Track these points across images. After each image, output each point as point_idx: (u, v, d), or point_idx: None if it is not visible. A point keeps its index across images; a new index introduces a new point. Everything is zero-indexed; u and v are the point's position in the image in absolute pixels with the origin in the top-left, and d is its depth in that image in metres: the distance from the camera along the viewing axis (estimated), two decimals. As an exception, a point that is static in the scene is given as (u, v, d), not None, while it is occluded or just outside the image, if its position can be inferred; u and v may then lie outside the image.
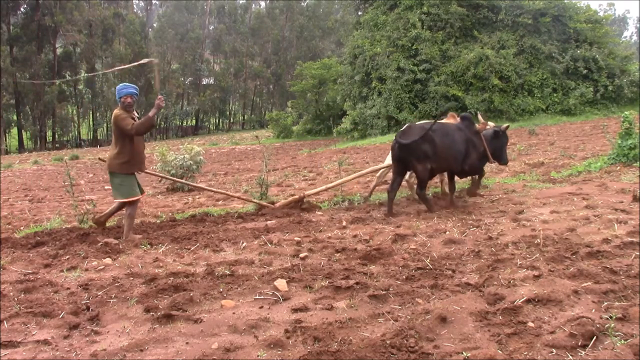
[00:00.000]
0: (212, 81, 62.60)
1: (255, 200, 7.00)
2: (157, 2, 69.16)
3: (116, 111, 5.30)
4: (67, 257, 4.65)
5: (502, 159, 6.60)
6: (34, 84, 43.43)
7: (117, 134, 5.29)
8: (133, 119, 5.33)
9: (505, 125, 6.70)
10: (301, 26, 63.63)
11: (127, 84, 5.66)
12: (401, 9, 25.59)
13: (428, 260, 4.08)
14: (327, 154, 18.96)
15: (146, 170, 5.98)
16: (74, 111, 52.08)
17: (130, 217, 5.37)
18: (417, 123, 6.40)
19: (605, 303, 3.04)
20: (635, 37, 78.66)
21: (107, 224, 6.06)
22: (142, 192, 5.60)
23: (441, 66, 24.09)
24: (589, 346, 2.54)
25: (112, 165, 5.34)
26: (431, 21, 24.92)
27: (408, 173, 6.61)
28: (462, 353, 2.56)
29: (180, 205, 8.12)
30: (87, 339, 2.91)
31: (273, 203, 6.94)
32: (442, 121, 6.52)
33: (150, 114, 5.22)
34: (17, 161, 26.12)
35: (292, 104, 36.96)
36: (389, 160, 6.67)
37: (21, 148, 44.88)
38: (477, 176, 6.67)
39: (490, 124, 6.77)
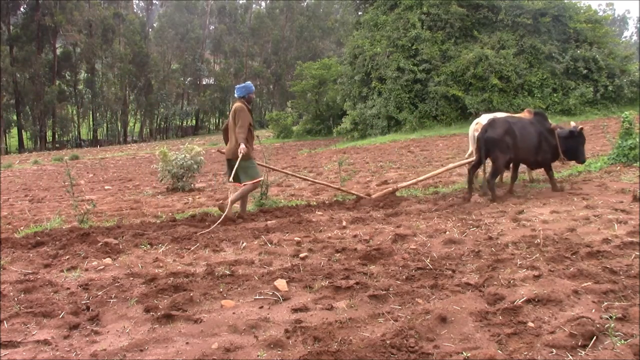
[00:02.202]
0: (212, 81, 62.60)
1: (353, 192, 7.36)
2: (157, 2, 69.17)
3: (242, 105, 6.20)
4: (67, 257, 4.65)
5: (578, 158, 6.96)
6: (34, 84, 43.44)
7: (236, 125, 6.12)
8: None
9: (580, 126, 6.93)
10: (301, 26, 63.61)
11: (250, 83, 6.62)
12: (401, 9, 25.56)
13: (428, 260, 4.08)
14: (327, 154, 18.96)
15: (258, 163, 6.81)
16: (74, 111, 52.05)
17: (243, 193, 6.26)
18: (499, 116, 6.92)
19: (605, 303, 3.04)
20: (635, 37, 78.67)
21: (107, 223, 6.06)
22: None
23: (441, 66, 24.07)
24: (589, 346, 2.55)
25: (236, 152, 6.07)
26: (431, 21, 24.90)
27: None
28: (462, 353, 2.56)
29: (180, 205, 8.12)
30: (87, 339, 2.91)
31: (369, 195, 7.21)
32: (517, 115, 7.10)
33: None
34: (17, 161, 26.12)
35: (292, 104, 36.94)
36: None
37: (21, 148, 44.87)
38: (550, 172, 6.96)
39: (572, 123, 7.09)
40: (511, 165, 6.96)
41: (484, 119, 7.44)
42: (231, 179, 6.12)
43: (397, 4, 26.12)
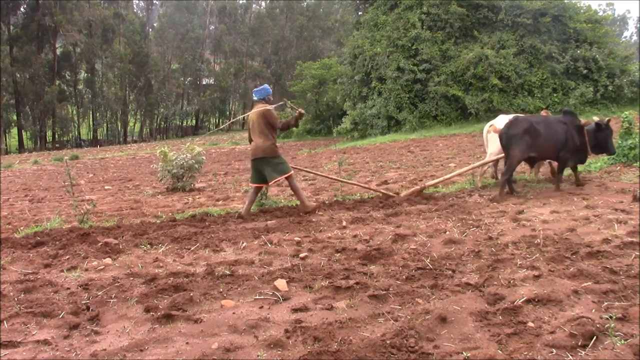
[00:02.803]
0: (212, 81, 62.58)
1: (382, 190, 7.47)
2: (157, 2, 69.14)
3: (267, 107, 6.43)
4: (67, 257, 4.65)
5: (608, 150, 7.11)
6: (34, 84, 43.47)
7: (266, 127, 6.38)
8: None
9: (607, 118, 7.08)
10: (301, 26, 63.60)
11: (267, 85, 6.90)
12: (401, 9, 25.57)
13: (428, 260, 4.08)
14: (327, 154, 18.96)
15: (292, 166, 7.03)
16: (74, 111, 52.04)
17: (298, 188, 6.49)
18: (522, 115, 7.07)
19: (605, 303, 3.04)
20: (635, 37, 78.67)
21: (107, 223, 6.06)
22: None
23: (441, 66, 24.07)
24: (589, 346, 2.55)
25: (269, 151, 6.36)
26: (431, 21, 24.89)
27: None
28: (462, 353, 2.56)
29: (180, 205, 8.12)
30: (87, 339, 2.91)
31: (398, 193, 7.34)
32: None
33: (292, 121, 6.76)
34: (17, 161, 26.12)
35: (292, 104, 36.97)
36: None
37: (21, 148, 44.85)
38: (575, 167, 7.17)
39: (595, 118, 7.19)
40: (547, 162, 7.32)
41: (499, 120, 7.61)
42: (270, 177, 6.37)
43: (397, 4, 26.11)
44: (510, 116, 7.37)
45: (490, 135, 7.62)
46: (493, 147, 7.46)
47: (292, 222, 5.85)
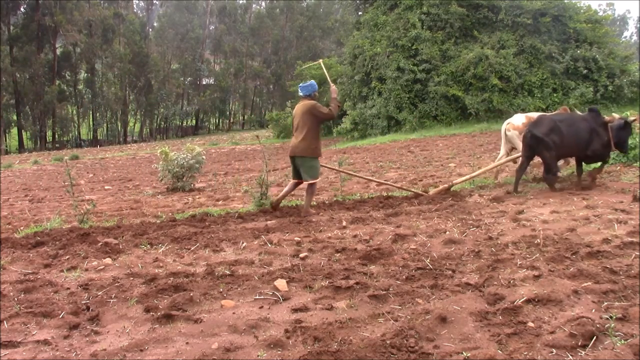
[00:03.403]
0: (212, 81, 62.58)
1: (412, 190, 7.54)
2: (157, 2, 69.14)
3: (311, 102, 6.35)
4: (67, 257, 4.65)
5: (624, 148, 7.16)
6: (33, 84, 43.49)
7: (312, 124, 6.29)
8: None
9: (632, 117, 7.21)
10: (301, 26, 63.59)
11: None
12: (401, 9, 25.56)
13: (428, 260, 4.08)
14: (327, 154, 18.96)
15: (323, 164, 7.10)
16: (74, 111, 52.05)
17: (312, 194, 6.47)
18: (546, 115, 7.23)
19: (605, 303, 3.04)
20: (635, 37, 78.66)
21: (107, 223, 6.05)
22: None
23: (441, 66, 24.06)
24: (589, 346, 2.55)
25: (310, 150, 6.30)
26: (431, 21, 24.89)
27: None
28: (462, 353, 2.56)
29: (180, 205, 8.12)
30: (87, 339, 2.91)
31: (427, 191, 7.42)
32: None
33: (334, 104, 6.50)
34: (17, 161, 26.11)
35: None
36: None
37: (21, 148, 44.85)
38: (601, 163, 7.22)
39: (615, 115, 7.31)
40: (570, 159, 7.53)
41: (516, 118, 7.79)
42: (303, 177, 6.44)
43: (397, 4, 26.11)
44: (528, 114, 7.59)
45: (511, 134, 7.73)
46: (518, 144, 7.59)
47: (292, 222, 5.85)
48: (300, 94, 6.56)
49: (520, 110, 23.07)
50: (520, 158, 7.18)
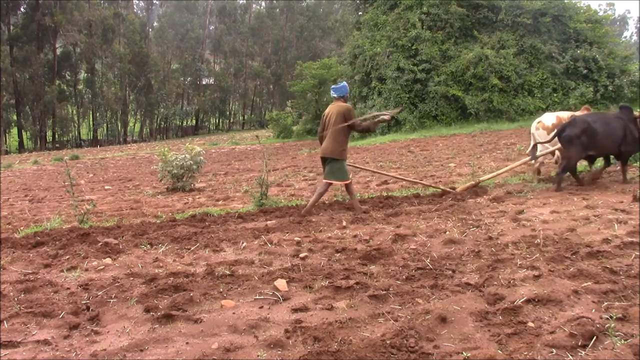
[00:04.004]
0: (212, 81, 62.59)
1: (440, 187, 7.59)
2: (157, 2, 69.15)
3: (346, 105, 6.45)
4: (67, 257, 4.65)
5: None
6: (33, 84, 43.51)
7: (341, 124, 6.30)
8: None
9: None
10: (301, 26, 63.58)
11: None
12: (401, 9, 25.56)
13: (428, 260, 4.08)
14: (327, 154, 18.92)
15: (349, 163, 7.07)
16: (74, 111, 52.05)
17: (352, 193, 6.50)
18: (579, 115, 7.28)
19: (605, 303, 3.04)
20: (635, 37, 78.70)
21: (107, 223, 6.05)
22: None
23: (441, 66, 24.06)
24: (589, 346, 2.55)
25: (336, 152, 6.33)
26: (431, 21, 24.89)
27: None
28: (462, 353, 2.56)
29: (180, 205, 8.12)
30: (87, 339, 2.91)
31: (454, 188, 7.49)
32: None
33: (369, 124, 6.64)
34: (17, 161, 26.11)
35: (292, 104, 36.86)
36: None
37: (21, 148, 44.85)
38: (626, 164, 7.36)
39: None
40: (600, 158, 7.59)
41: (547, 118, 7.91)
42: (325, 177, 6.48)
43: (397, 4, 26.10)
44: (558, 114, 7.85)
45: (539, 132, 7.84)
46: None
47: (292, 222, 5.85)
48: (335, 95, 6.61)
49: (521, 110, 23.12)
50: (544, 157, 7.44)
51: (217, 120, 67.57)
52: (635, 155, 8.07)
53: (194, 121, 63.62)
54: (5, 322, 3.12)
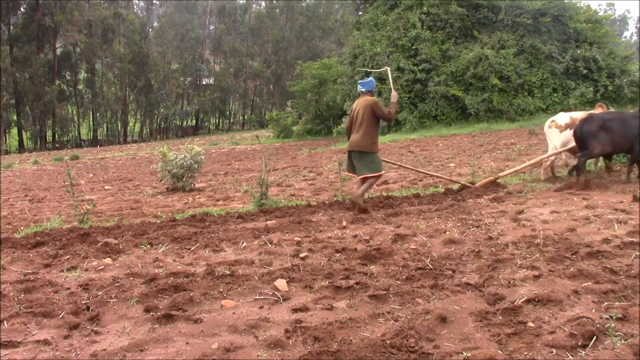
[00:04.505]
0: (212, 81, 62.60)
1: (461, 181, 7.73)
2: (157, 2, 69.17)
3: (373, 98, 6.45)
4: (67, 257, 4.65)
5: None
6: (34, 84, 43.52)
7: (372, 119, 6.35)
8: None
9: None
10: (301, 26, 63.59)
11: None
12: (401, 9, 25.57)
13: (428, 260, 4.08)
14: (327, 154, 18.95)
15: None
16: (74, 111, 52.07)
17: (370, 185, 6.47)
18: (597, 113, 7.40)
19: (605, 303, 3.04)
20: (635, 37, 78.72)
21: (107, 223, 6.05)
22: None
23: (441, 66, 24.06)
24: (589, 346, 2.55)
25: (367, 146, 6.33)
26: (431, 21, 24.90)
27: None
28: (462, 353, 2.56)
29: (180, 205, 8.12)
30: (87, 339, 2.91)
31: (473, 183, 7.58)
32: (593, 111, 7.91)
33: (394, 108, 6.59)
34: (17, 161, 26.12)
35: (292, 104, 36.87)
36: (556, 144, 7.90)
37: (21, 148, 44.86)
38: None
39: None
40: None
41: (560, 117, 8.03)
42: (358, 171, 6.46)
43: (397, 4, 26.11)
44: (572, 114, 8.05)
45: (552, 130, 7.96)
46: (556, 141, 7.88)
47: (292, 222, 5.85)
48: (363, 89, 6.60)
49: (521, 110, 23.13)
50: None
51: (217, 120, 67.57)
52: (611, 159, 8.11)
53: (194, 121, 63.63)
54: (5, 322, 3.12)
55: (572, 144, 7.40)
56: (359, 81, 6.75)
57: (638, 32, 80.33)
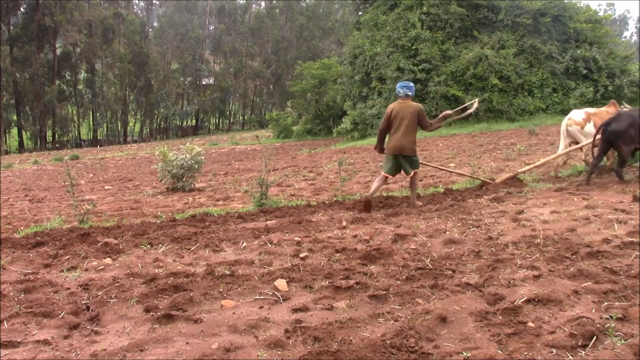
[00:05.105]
0: (212, 81, 62.60)
1: (480, 178, 7.88)
2: (157, 2, 69.17)
3: (418, 105, 6.53)
4: (67, 257, 4.65)
5: None
6: (33, 84, 43.52)
7: (415, 125, 6.45)
8: None
9: None
10: (301, 26, 63.59)
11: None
12: (401, 9, 25.57)
13: (428, 260, 4.08)
14: (327, 154, 18.96)
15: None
16: (74, 111, 52.06)
17: (416, 182, 6.68)
18: (624, 111, 7.42)
19: (605, 303, 3.04)
20: (635, 37, 78.70)
21: (107, 223, 6.04)
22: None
23: (441, 66, 24.07)
24: (589, 346, 2.55)
25: (410, 149, 6.45)
26: (431, 21, 24.90)
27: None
28: (462, 353, 2.56)
29: (180, 205, 8.12)
30: (87, 339, 2.91)
31: (493, 179, 7.76)
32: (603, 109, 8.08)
33: (438, 123, 6.80)
34: (17, 161, 26.12)
35: (292, 104, 36.90)
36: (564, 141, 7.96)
37: (21, 148, 44.86)
38: None
39: None
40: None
41: (576, 114, 8.06)
42: (407, 171, 6.57)
43: (397, 4, 26.12)
44: (586, 110, 8.13)
45: (574, 129, 7.97)
46: (582, 138, 7.87)
47: (292, 222, 5.85)
48: (407, 92, 6.56)
49: (521, 110, 23.13)
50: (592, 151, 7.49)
51: (217, 120, 67.57)
52: (635, 155, 8.08)
53: (194, 121, 63.62)
54: (5, 322, 3.12)
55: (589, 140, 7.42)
56: (401, 84, 6.68)
57: (638, 32, 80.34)
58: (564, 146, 8.11)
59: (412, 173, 6.51)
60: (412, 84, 6.71)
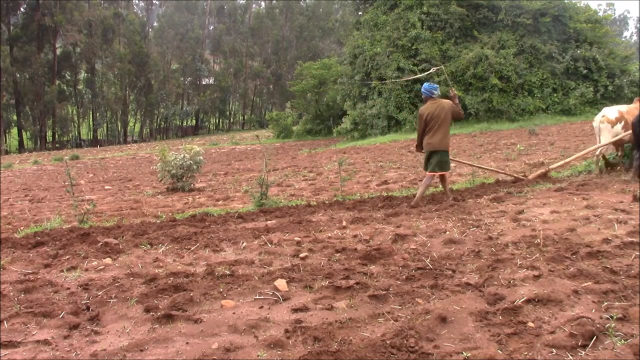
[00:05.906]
0: (212, 81, 62.59)
1: (513, 174, 8.16)
2: (157, 2, 69.16)
3: (449, 102, 6.78)
4: (67, 257, 4.65)
5: None
6: (33, 84, 43.51)
7: (449, 121, 6.71)
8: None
9: None
10: (301, 26, 63.59)
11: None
12: (401, 9, 25.58)
13: (428, 260, 4.08)
14: (327, 154, 18.96)
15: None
16: (74, 111, 52.06)
17: (447, 185, 6.98)
18: None
19: (605, 303, 3.04)
20: (635, 37, 78.71)
21: (107, 223, 6.04)
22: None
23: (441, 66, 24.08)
24: (589, 346, 2.54)
25: (446, 144, 6.69)
26: (431, 21, 24.92)
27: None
28: (462, 353, 2.56)
29: (180, 205, 8.12)
30: (87, 339, 2.91)
31: (526, 176, 8.02)
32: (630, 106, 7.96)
33: (459, 106, 6.96)
34: (17, 161, 26.12)
35: (292, 104, 36.91)
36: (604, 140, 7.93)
37: (21, 148, 44.86)
38: None
39: None
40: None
41: (610, 111, 8.10)
42: (430, 169, 6.72)
43: (397, 4, 26.13)
44: (619, 107, 8.09)
45: (604, 125, 8.02)
46: (607, 135, 7.91)
47: (292, 222, 5.84)
48: (435, 94, 6.83)
49: (521, 110, 23.13)
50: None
51: (217, 120, 67.56)
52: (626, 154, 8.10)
53: (194, 121, 63.61)
54: (5, 322, 3.12)
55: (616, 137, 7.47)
56: (427, 86, 6.86)
57: (638, 32, 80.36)
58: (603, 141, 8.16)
59: (439, 174, 6.75)
60: (436, 85, 6.99)
